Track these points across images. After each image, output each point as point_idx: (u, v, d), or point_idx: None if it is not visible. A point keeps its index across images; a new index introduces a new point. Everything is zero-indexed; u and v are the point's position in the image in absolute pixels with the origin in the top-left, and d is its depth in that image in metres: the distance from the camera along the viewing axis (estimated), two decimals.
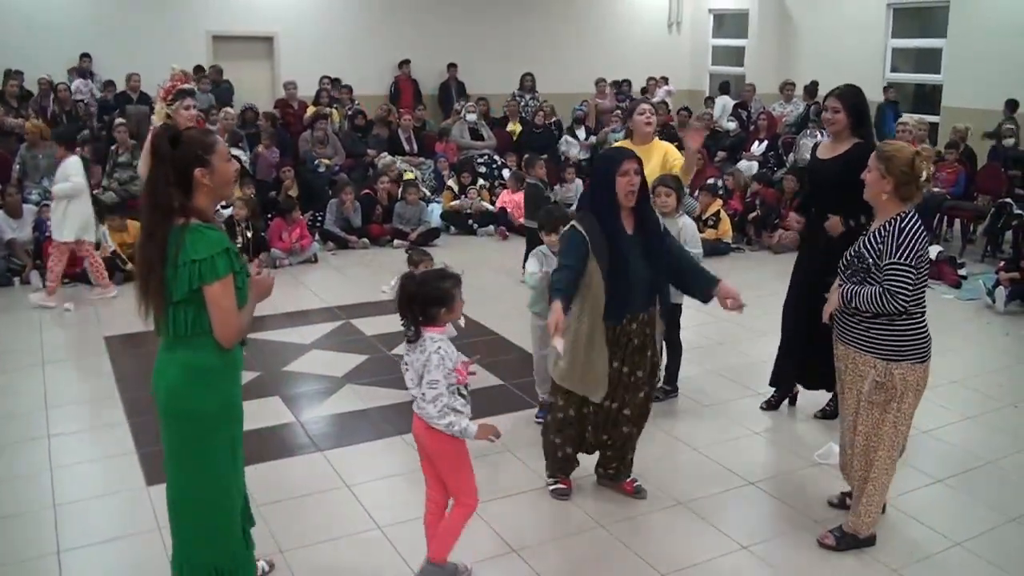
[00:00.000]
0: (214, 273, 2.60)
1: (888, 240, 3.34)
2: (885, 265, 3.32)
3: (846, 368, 3.57)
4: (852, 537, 3.63)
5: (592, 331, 3.70)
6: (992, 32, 10.94)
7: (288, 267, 8.42)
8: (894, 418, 3.46)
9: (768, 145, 11.14)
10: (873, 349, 3.42)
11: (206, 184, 2.69)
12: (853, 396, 3.54)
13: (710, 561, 3.59)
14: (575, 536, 3.77)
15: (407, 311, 3.13)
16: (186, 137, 2.71)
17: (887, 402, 3.43)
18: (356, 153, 11.01)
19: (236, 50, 12.58)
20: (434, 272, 3.30)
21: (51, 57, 11.01)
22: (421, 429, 3.19)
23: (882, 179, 3.38)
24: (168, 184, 2.63)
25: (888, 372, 3.39)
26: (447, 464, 3.23)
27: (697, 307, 7.05)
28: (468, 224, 10.04)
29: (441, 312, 3.13)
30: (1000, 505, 4.04)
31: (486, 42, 13.74)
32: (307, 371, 5.70)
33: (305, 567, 3.51)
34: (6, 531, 3.79)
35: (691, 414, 5.08)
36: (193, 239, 2.61)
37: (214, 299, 2.63)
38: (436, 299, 3.11)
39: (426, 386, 3.09)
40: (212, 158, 2.70)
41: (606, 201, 3.67)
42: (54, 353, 6.03)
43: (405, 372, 3.20)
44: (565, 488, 4.05)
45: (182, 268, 2.59)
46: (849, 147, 4.61)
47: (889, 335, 3.39)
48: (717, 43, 15.72)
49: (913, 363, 3.40)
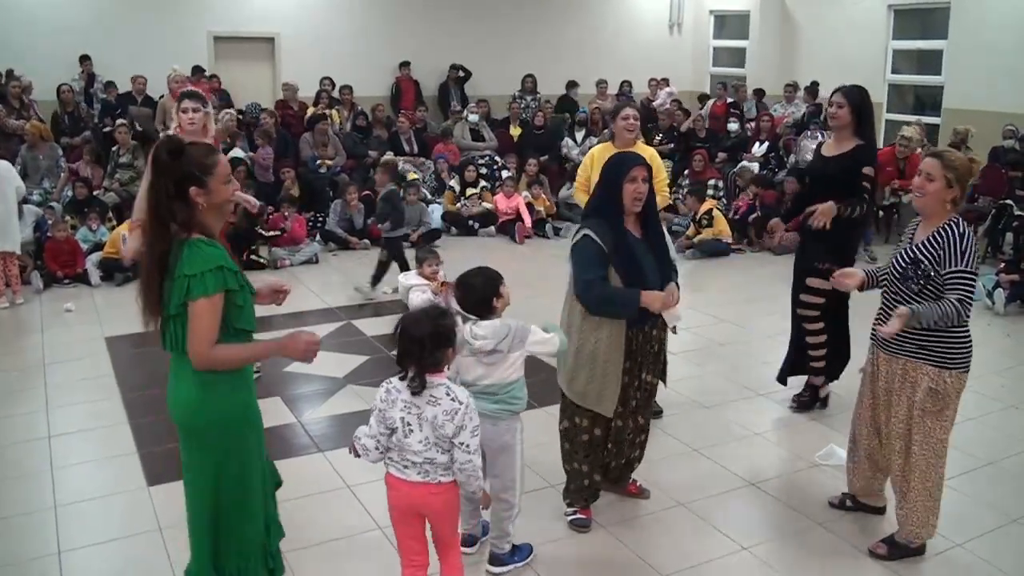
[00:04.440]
0: (201, 290, 2.53)
1: (947, 248, 3.29)
2: (948, 273, 3.28)
3: (889, 375, 3.53)
4: (904, 547, 3.59)
5: (611, 342, 3.52)
6: (993, 33, 10.93)
7: (289, 267, 8.43)
8: (948, 426, 3.44)
9: (769, 146, 11.14)
10: (929, 357, 3.38)
11: (200, 203, 2.61)
12: (904, 407, 3.49)
13: (711, 562, 3.59)
14: (576, 537, 3.76)
15: (415, 356, 2.69)
16: (187, 153, 2.63)
17: (940, 411, 3.41)
18: (357, 154, 11.02)
19: (237, 51, 12.58)
20: (434, 309, 2.87)
21: (52, 58, 11.00)
22: (423, 494, 2.80)
23: (948, 188, 3.34)
24: (169, 197, 2.58)
25: (941, 380, 3.37)
26: (453, 519, 2.94)
27: (696, 306, 7.09)
28: (469, 225, 10.05)
29: (449, 353, 2.78)
30: (1002, 506, 4.04)
31: (487, 43, 13.72)
32: (308, 372, 5.69)
33: (306, 567, 3.51)
34: (7, 531, 3.79)
35: (692, 415, 5.08)
36: (190, 253, 2.56)
37: (193, 315, 2.55)
38: (446, 339, 2.74)
39: (460, 451, 2.72)
40: (209, 180, 2.62)
41: (614, 207, 3.55)
42: (55, 353, 6.04)
43: (406, 431, 2.73)
44: (586, 519, 3.80)
45: (177, 282, 2.55)
46: (852, 147, 4.69)
47: (944, 343, 3.36)
48: (718, 44, 15.71)
49: (960, 372, 3.39)
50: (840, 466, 4.35)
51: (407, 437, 2.73)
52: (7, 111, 9.83)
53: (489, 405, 3.25)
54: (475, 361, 3.25)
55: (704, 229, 9.15)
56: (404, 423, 2.73)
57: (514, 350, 3.25)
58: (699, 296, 7.42)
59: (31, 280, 7.62)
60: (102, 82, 11.26)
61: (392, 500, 2.88)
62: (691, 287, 7.41)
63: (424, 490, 2.79)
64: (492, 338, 3.20)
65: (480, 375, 3.26)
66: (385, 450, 2.82)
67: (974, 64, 11.13)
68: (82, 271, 7.75)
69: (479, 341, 3.19)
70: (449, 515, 2.90)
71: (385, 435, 2.79)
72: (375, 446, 2.80)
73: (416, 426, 2.72)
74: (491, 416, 3.25)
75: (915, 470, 3.50)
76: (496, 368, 3.25)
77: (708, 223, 9.17)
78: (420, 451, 2.73)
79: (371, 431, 2.80)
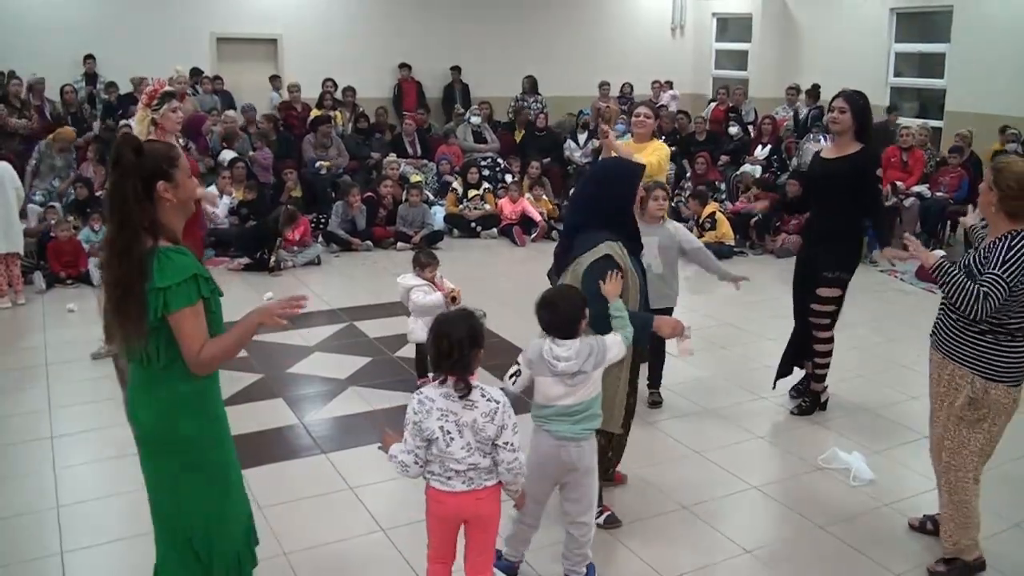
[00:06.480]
0: (183, 301, 2.42)
1: (994, 254, 3.24)
2: (985, 272, 3.22)
3: (939, 378, 3.49)
4: (962, 564, 3.52)
5: (627, 363, 3.49)
6: (995, 37, 10.93)
7: (292, 268, 8.43)
8: (983, 439, 3.40)
9: (771, 149, 11.15)
10: (973, 364, 3.34)
11: (168, 199, 2.50)
12: (944, 409, 3.46)
13: (713, 565, 3.58)
14: None
15: (455, 359, 2.64)
16: (149, 149, 2.52)
17: (978, 421, 3.37)
18: (360, 156, 11.03)
19: (240, 52, 12.60)
20: (462, 310, 2.87)
21: (55, 59, 11.01)
22: (472, 502, 2.75)
23: (989, 191, 3.31)
24: (137, 198, 2.43)
25: (984, 390, 3.33)
26: (497, 524, 2.88)
27: (698, 309, 7.09)
28: (471, 227, 10.07)
29: (480, 354, 2.71)
30: (1004, 511, 4.03)
31: (489, 45, 13.75)
32: (310, 373, 5.70)
33: (308, 569, 3.51)
34: (10, 532, 3.79)
35: (694, 418, 5.08)
36: (160, 265, 2.42)
37: (178, 327, 2.43)
38: (479, 340, 2.69)
39: (505, 451, 2.70)
40: (175, 172, 2.52)
41: (627, 220, 3.50)
42: (58, 354, 6.03)
43: (447, 440, 2.66)
44: (612, 513, 3.85)
45: (150, 296, 2.41)
46: (854, 151, 4.72)
47: (992, 353, 3.31)
48: (720, 47, 15.72)
49: (1008, 386, 3.33)
50: (842, 470, 4.36)
51: (449, 446, 2.67)
52: (9, 111, 9.85)
53: (571, 427, 3.13)
54: (556, 381, 3.11)
55: (707, 232, 9.14)
56: (444, 432, 2.66)
57: (597, 367, 3.13)
58: (701, 298, 7.41)
59: (34, 280, 7.63)
60: (104, 82, 11.28)
61: (436, 512, 2.81)
62: (693, 289, 7.41)
63: (472, 498, 2.74)
64: (576, 359, 3.06)
65: (560, 394, 3.12)
66: (424, 463, 2.75)
67: (976, 68, 11.13)
68: (84, 271, 7.75)
69: (563, 363, 3.05)
70: (495, 519, 2.86)
71: (423, 447, 2.71)
72: (414, 460, 2.72)
73: (456, 433, 2.67)
74: (576, 439, 3.14)
75: (942, 478, 3.48)
76: (579, 388, 3.12)
77: (711, 227, 9.18)
78: (463, 458, 2.68)
79: (407, 446, 2.72)
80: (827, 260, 4.82)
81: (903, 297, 7.79)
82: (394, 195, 9.76)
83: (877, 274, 8.45)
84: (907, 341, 6.30)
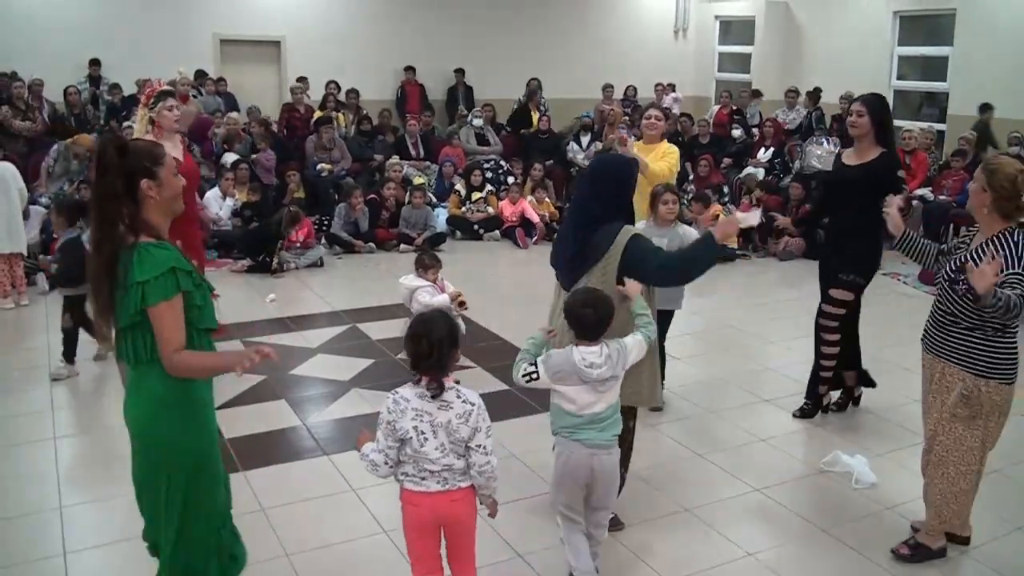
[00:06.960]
0: (160, 295, 2.43)
1: (1002, 256, 3.20)
2: (1007, 274, 3.17)
3: (932, 378, 3.50)
4: (925, 548, 3.58)
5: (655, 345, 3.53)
6: (998, 40, 10.93)
7: (294, 270, 8.44)
8: (980, 435, 3.40)
9: (774, 152, 11.15)
10: (964, 362, 3.35)
11: (152, 196, 2.53)
12: (937, 407, 3.48)
13: (715, 568, 3.58)
14: None
15: (435, 359, 2.64)
16: (133, 147, 2.55)
17: (972, 419, 3.37)
18: (363, 158, 11.04)
19: (243, 54, 12.63)
20: (437, 311, 2.90)
21: (58, 60, 11.04)
22: (446, 503, 2.73)
23: (982, 192, 3.31)
24: (117, 196, 2.48)
25: (976, 388, 3.33)
26: (474, 528, 2.85)
27: (701, 312, 7.09)
28: (474, 229, 10.07)
29: (456, 354, 2.72)
30: (1007, 513, 4.03)
31: (493, 47, 13.76)
32: (313, 375, 5.70)
33: (310, 570, 3.51)
34: (12, 532, 3.79)
35: (696, 420, 5.08)
36: (140, 259, 2.45)
37: (156, 321, 2.45)
38: (456, 340, 2.70)
39: (478, 453, 2.68)
40: (159, 170, 2.54)
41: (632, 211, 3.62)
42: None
43: (420, 441, 2.65)
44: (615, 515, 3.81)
45: (130, 290, 2.44)
46: (875, 156, 4.69)
47: (983, 350, 3.31)
48: (723, 50, 15.73)
49: (1001, 383, 3.34)
50: (845, 473, 4.36)
51: (423, 446, 2.65)
52: (13, 113, 9.87)
53: (598, 435, 3.13)
54: (587, 389, 3.09)
55: None
56: (418, 432, 2.65)
57: (624, 370, 3.15)
58: (704, 301, 7.41)
59: (36, 281, 7.64)
60: (107, 84, 11.30)
61: (412, 517, 2.77)
62: (695, 292, 7.38)
63: (446, 498, 2.71)
64: (606, 365, 3.07)
65: (591, 401, 3.11)
66: (396, 464, 2.73)
67: (980, 71, 11.13)
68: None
69: (597, 370, 3.05)
70: (471, 524, 2.83)
71: (395, 448, 2.69)
72: (384, 460, 2.71)
73: (430, 433, 2.65)
74: (605, 446, 3.15)
75: (935, 471, 3.49)
76: (607, 393, 3.13)
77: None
78: (438, 459, 2.66)
79: (379, 445, 2.71)
80: (843, 262, 4.80)
81: (906, 300, 7.78)
82: (397, 197, 9.77)
83: (879, 277, 8.37)
84: (909, 344, 6.22)
